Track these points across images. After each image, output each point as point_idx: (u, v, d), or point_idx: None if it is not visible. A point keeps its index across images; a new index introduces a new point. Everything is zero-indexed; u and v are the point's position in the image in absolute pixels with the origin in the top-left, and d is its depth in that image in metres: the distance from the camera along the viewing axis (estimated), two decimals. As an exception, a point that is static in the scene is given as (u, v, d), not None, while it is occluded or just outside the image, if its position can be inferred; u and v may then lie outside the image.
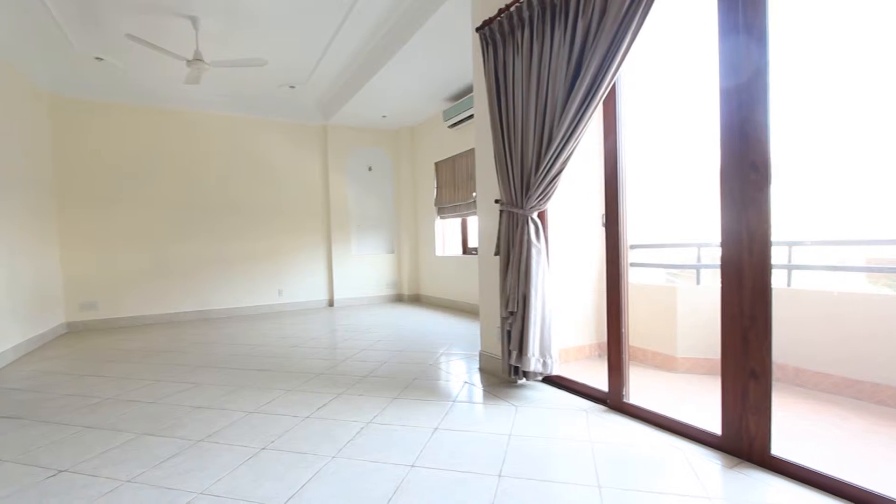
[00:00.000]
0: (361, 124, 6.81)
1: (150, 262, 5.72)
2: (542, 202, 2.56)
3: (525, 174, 2.58)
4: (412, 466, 1.86)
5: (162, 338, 4.79)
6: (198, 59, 4.01)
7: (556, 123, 2.39)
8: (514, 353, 2.61)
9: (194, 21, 3.94)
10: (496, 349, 3.05)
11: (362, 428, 2.26)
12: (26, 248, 4.39)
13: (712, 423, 1.97)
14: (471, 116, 5.29)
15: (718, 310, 1.87)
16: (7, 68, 4.26)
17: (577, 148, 2.40)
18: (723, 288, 1.85)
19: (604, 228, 2.40)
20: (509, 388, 2.78)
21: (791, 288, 2.95)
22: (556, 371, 2.64)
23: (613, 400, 2.39)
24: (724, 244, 1.84)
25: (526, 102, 2.55)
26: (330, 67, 5.11)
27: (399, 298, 7.23)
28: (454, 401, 2.61)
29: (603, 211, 2.41)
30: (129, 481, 1.81)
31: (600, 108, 2.31)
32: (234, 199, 6.20)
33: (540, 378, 2.75)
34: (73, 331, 5.31)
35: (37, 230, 4.67)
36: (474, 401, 2.62)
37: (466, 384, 2.92)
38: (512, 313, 2.64)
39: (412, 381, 3.00)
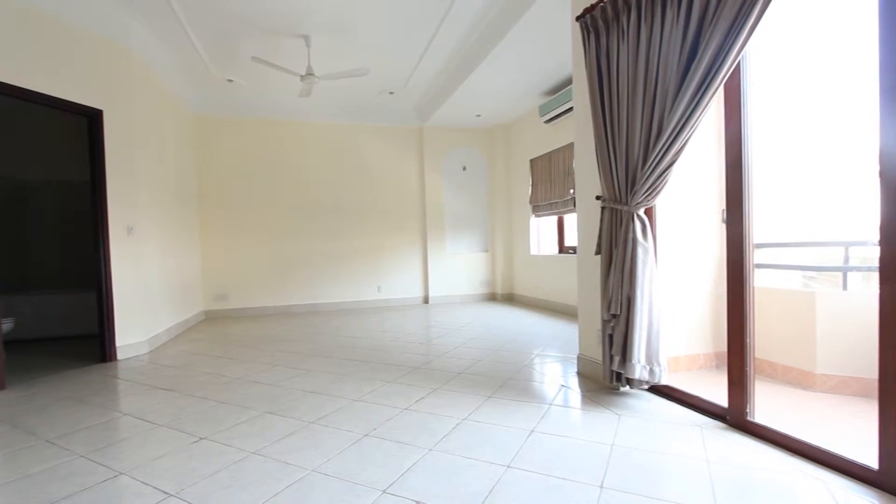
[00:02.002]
0: (456, 125, 6.92)
1: (269, 259, 6.40)
2: (649, 198, 2.37)
3: (630, 168, 2.41)
4: (508, 467, 1.84)
5: (278, 327, 5.32)
6: (309, 73, 4.38)
7: (666, 112, 2.20)
8: (617, 359, 2.46)
9: (307, 39, 4.32)
10: (596, 353, 2.90)
11: (458, 424, 2.29)
12: (175, 246, 5.15)
13: (866, 455, 1.66)
14: (569, 110, 5.10)
15: (872, 321, 1.58)
16: (172, 98, 5.10)
17: (692, 137, 2.18)
18: (882, 295, 1.55)
19: (724, 225, 2.15)
20: (610, 396, 2.62)
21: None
22: (664, 380, 2.44)
23: (735, 417, 2.13)
24: (883, 242, 1.54)
25: (632, 91, 2.38)
26: (426, 71, 5.27)
27: (492, 297, 7.23)
28: (550, 404, 2.53)
29: (723, 206, 2.16)
30: (254, 453, 2.03)
31: (720, 91, 2.08)
32: (339, 200, 6.68)
33: (646, 387, 2.55)
34: (209, 318, 6.13)
35: (183, 231, 5.47)
36: (572, 406, 2.52)
37: (563, 388, 2.81)
38: (614, 316, 2.49)
39: (506, 380, 2.97)
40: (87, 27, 3.66)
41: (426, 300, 7.02)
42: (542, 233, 6.51)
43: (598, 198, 2.68)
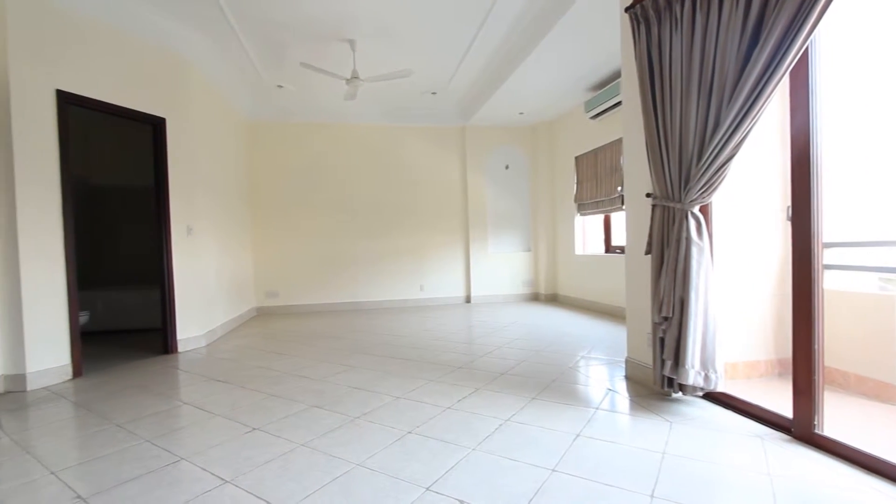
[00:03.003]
0: (498, 123, 6.87)
1: (315, 258, 6.61)
2: (705, 194, 2.25)
3: (684, 164, 2.30)
4: (553, 471, 1.80)
5: (323, 324, 5.48)
6: (355, 76, 4.48)
7: (724, 104, 2.08)
8: (669, 364, 2.35)
9: (352, 44, 4.42)
10: (646, 357, 2.79)
11: (501, 425, 2.26)
12: (229, 246, 5.42)
13: (957, 477, 1.50)
14: (616, 105, 4.94)
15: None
16: (226, 105, 5.40)
17: (753, 130, 2.05)
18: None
19: (789, 222, 2.01)
20: (661, 402, 2.51)
21: None
22: (721, 388, 2.31)
23: (800, 429, 1.99)
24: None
25: (686, 83, 2.27)
26: (469, 71, 5.26)
27: (535, 297, 7.12)
28: (597, 408, 2.46)
29: (787, 202, 2.02)
30: (303, 445, 2.10)
31: (786, 79, 1.94)
32: (382, 200, 6.79)
33: (700, 394, 2.43)
34: (261, 314, 6.40)
35: (236, 231, 5.74)
36: (620, 410, 2.43)
37: (610, 392, 2.72)
38: (666, 319, 2.38)
39: (550, 382, 2.91)
40: (153, 41, 3.92)
41: (468, 300, 7.02)
42: (587, 232, 6.34)
43: (648, 195, 2.57)
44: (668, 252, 2.39)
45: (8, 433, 2.35)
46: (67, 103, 3.36)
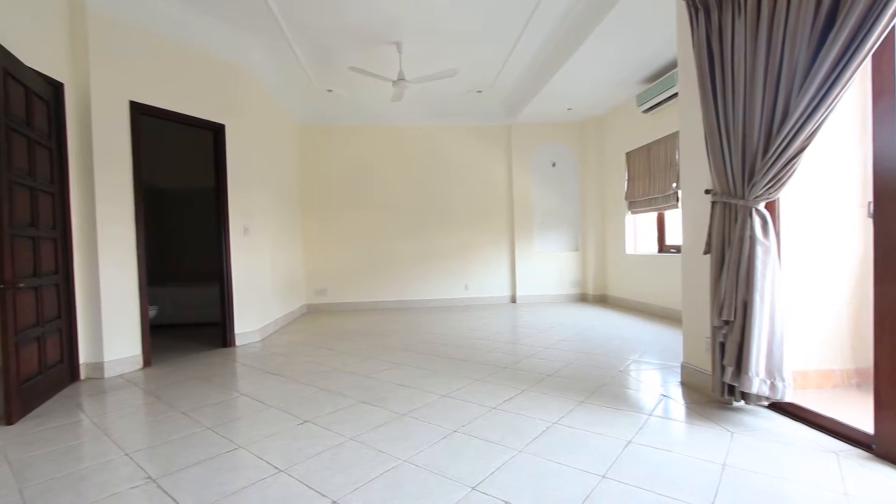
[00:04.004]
0: (545, 120, 6.74)
1: (362, 257, 6.76)
2: (771, 190, 2.10)
3: (748, 158, 2.15)
4: (603, 477, 1.74)
5: (370, 322, 5.60)
6: (401, 78, 4.54)
7: (794, 93, 1.93)
8: (730, 370, 2.21)
9: (399, 46, 4.48)
10: (703, 362, 2.65)
11: (548, 427, 2.22)
12: (283, 244, 5.66)
13: None
14: (671, 97, 4.72)
15: None
16: (279, 110, 5.64)
17: (827, 119, 1.88)
18: None
19: (870, 219, 1.83)
20: (721, 410, 2.37)
21: None
22: (789, 398, 2.14)
23: (884, 446, 1.81)
24: None
25: (750, 72, 2.12)
26: (514, 68, 5.20)
27: (583, 298, 6.93)
28: (650, 414, 2.35)
29: (868, 197, 1.84)
30: (351, 439, 2.15)
31: (867, 63, 1.77)
32: (427, 199, 6.85)
33: (765, 403, 2.27)
34: (311, 311, 6.64)
35: (289, 230, 5.99)
36: (674, 418, 2.32)
37: (664, 398, 2.60)
38: (727, 322, 2.24)
39: (600, 386, 2.82)
40: (214, 53, 4.16)
41: (513, 299, 6.94)
42: (639, 230, 6.10)
43: (707, 191, 2.43)
44: (729, 252, 2.25)
45: (89, 416, 2.57)
46: (139, 113, 3.63)
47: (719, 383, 2.32)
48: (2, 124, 2.48)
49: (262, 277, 4.80)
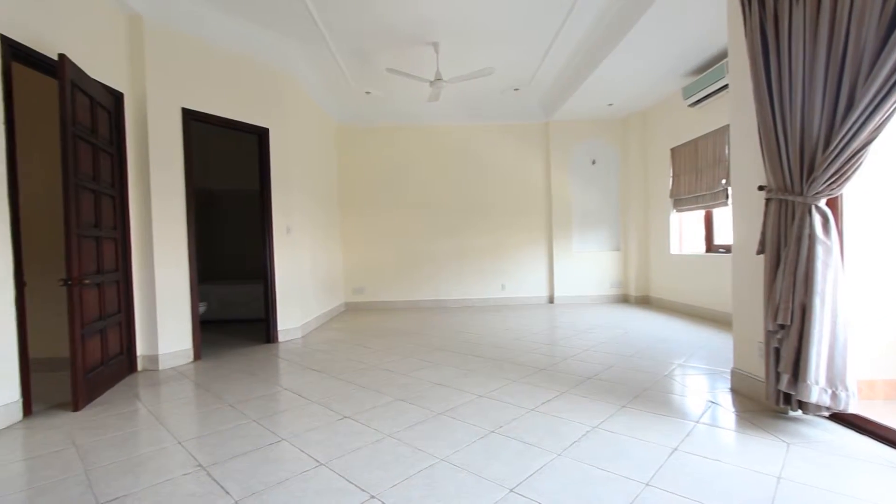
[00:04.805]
0: (584, 117, 6.59)
1: (398, 256, 6.84)
2: (833, 186, 1.96)
3: (807, 152, 2.02)
4: (647, 485, 1.68)
5: (407, 321, 5.65)
6: (438, 78, 4.56)
7: (861, 81, 1.79)
8: (786, 378, 2.08)
9: (436, 46, 4.50)
10: (756, 369, 2.51)
11: (588, 431, 2.16)
12: (323, 244, 5.81)
13: None
14: (720, 90, 4.50)
15: None
16: (319, 113, 5.81)
17: (899, 107, 1.74)
18: None
19: (949, 217, 1.67)
20: (775, 420, 2.24)
21: None
22: (853, 408, 1.99)
23: (964, 465, 1.65)
24: None
25: (809, 60, 1.99)
26: (553, 64, 5.11)
27: (625, 299, 6.73)
28: (696, 422, 2.25)
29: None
30: (389, 435, 2.17)
31: (946, 45, 1.62)
32: (464, 199, 6.84)
33: (825, 414, 2.12)
34: (349, 309, 6.78)
35: (329, 230, 6.14)
36: (723, 426, 2.20)
37: (713, 405, 2.48)
38: (782, 327, 2.11)
39: (643, 391, 2.73)
40: (258, 59, 4.32)
41: (551, 300, 6.83)
42: (684, 229, 5.85)
43: (761, 188, 2.30)
44: (785, 251, 2.12)
45: (146, 405, 2.73)
46: (190, 119, 3.82)
47: (774, 391, 2.19)
48: (70, 134, 2.68)
49: (304, 276, 4.95)
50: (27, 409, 2.58)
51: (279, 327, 4.52)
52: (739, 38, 2.51)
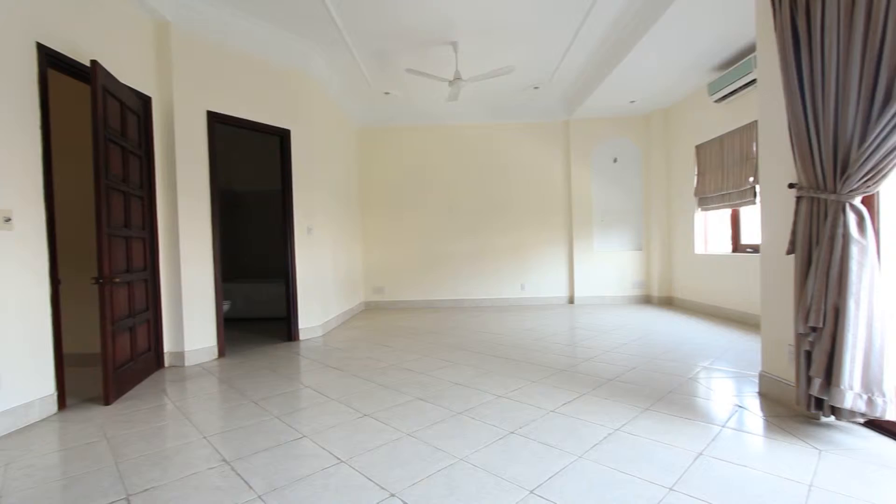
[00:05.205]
0: (606, 114, 6.49)
1: (418, 256, 6.86)
2: (870, 183, 1.88)
3: (840, 148, 1.94)
4: (671, 489, 1.64)
5: (426, 320, 5.67)
6: (457, 78, 4.55)
7: (899, 70, 1.71)
8: (818, 382, 2.01)
9: (455, 46, 4.49)
10: (785, 372, 2.43)
11: (609, 434, 2.13)
12: (344, 244, 5.87)
13: None
14: (746, 85, 4.38)
15: None
16: (340, 114, 5.87)
17: (941, 100, 1.66)
18: None
19: None
20: (806, 425, 2.16)
21: None
22: (890, 415, 1.91)
23: None
24: None
25: (844, 52, 1.91)
26: (574, 61, 5.04)
27: (647, 300, 6.61)
28: (722, 426, 2.19)
29: None
30: (409, 434, 2.18)
31: None
32: (483, 198, 6.82)
33: (860, 420, 2.04)
34: (368, 308, 6.84)
35: (350, 230, 6.20)
36: (751, 431, 2.14)
37: (739, 409, 2.41)
38: (814, 329, 2.04)
39: (666, 393, 2.67)
40: (280, 61, 4.39)
41: (571, 300, 6.75)
42: (710, 229, 5.71)
43: (791, 186, 2.23)
44: (817, 251, 2.04)
45: (173, 400, 2.81)
46: (215, 121, 3.91)
47: (805, 396, 2.11)
48: (102, 137, 2.77)
49: (324, 275, 5.01)
50: (62, 403, 2.68)
51: (300, 325, 4.59)
52: (768, 31, 2.44)
